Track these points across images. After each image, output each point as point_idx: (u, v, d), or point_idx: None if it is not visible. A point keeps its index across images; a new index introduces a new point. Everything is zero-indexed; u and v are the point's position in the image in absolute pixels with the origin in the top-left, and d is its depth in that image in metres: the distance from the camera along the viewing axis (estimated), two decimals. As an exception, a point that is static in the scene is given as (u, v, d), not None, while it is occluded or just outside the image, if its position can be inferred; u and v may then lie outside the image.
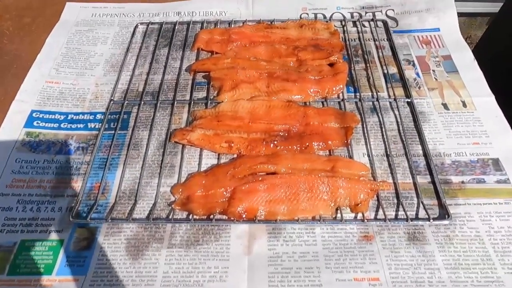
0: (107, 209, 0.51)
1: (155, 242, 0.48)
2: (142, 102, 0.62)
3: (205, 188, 0.51)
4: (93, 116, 0.61)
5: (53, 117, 0.61)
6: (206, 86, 0.65)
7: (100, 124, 0.59)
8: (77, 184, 0.53)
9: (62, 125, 0.60)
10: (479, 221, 0.49)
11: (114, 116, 0.61)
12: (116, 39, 0.73)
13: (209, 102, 0.61)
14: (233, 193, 0.50)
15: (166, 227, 0.50)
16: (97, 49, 0.71)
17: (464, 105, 0.61)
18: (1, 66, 0.68)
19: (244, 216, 0.49)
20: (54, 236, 0.49)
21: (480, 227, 0.48)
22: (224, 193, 0.51)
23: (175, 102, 0.62)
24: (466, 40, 0.69)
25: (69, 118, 0.61)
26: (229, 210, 0.49)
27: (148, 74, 0.66)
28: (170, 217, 0.50)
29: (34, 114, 0.61)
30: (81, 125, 0.60)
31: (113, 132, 0.59)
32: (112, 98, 0.63)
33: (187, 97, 0.63)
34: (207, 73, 0.64)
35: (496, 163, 0.54)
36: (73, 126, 0.60)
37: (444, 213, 0.49)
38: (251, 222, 0.49)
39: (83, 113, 0.61)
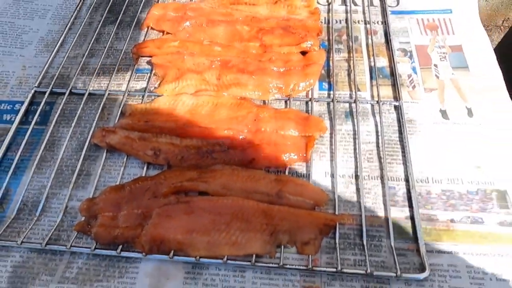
0: (1, 224, 0.42)
1: (46, 274, 0.39)
2: (70, 91, 0.51)
3: (116, 208, 0.41)
4: (11, 106, 0.51)
5: (-36, 104, 0.51)
6: (149, 74, 0.53)
7: (16, 116, 0.50)
8: (-27, 190, 0.44)
9: (-27, 115, 0.50)
10: (466, 280, 0.36)
11: (36, 107, 0.51)
12: (58, 13, 0.62)
13: (146, 94, 0.50)
14: (147, 217, 0.40)
15: (64, 255, 0.40)
16: (33, 24, 0.60)
17: (470, 113, 0.46)
18: None
19: (155, 248, 0.38)
20: None
21: (467, 288, 0.36)
22: (139, 216, 0.40)
23: (107, 93, 0.51)
24: (502, 24, 0.53)
25: (-17, 107, 0.51)
26: (137, 240, 0.39)
27: (84, 56, 0.55)
28: (71, 242, 0.40)
29: None
30: (-5, 116, 0.50)
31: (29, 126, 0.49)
32: (35, 85, 0.52)
33: (123, 87, 0.52)
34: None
35: (503, 197, 0.40)
36: (-15, 117, 0.50)
37: (419, 263, 0.37)
38: (163, 257, 0.38)
39: (1, 102, 0.52)
